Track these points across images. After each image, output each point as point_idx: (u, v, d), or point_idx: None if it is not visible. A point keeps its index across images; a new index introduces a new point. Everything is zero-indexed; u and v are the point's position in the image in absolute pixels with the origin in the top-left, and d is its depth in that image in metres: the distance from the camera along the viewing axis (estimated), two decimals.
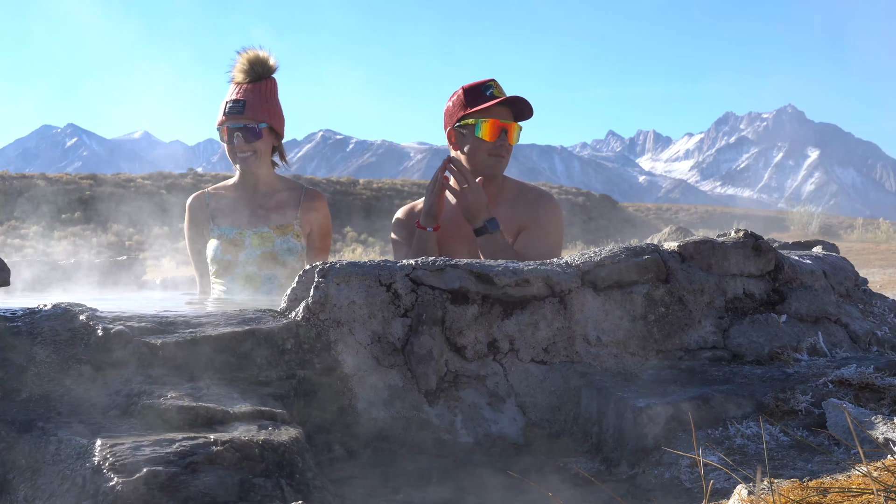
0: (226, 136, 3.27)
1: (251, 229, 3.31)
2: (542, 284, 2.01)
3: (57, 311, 1.78)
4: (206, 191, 3.46)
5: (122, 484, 1.32)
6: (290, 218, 3.36)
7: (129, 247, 25.20)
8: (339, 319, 1.86)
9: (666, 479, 1.64)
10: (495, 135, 2.99)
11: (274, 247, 3.29)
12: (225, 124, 3.26)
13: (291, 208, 3.37)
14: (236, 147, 3.27)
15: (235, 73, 3.31)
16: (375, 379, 1.85)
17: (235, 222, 3.32)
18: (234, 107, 3.26)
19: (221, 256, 3.27)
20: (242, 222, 3.32)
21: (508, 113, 3.05)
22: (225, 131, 3.26)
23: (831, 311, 2.41)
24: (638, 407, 1.76)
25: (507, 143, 3.02)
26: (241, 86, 3.28)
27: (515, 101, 3.03)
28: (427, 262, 1.96)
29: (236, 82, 3.30)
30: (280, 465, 1.45)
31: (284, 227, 3.34)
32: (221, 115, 3.27)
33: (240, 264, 3.26)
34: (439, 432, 1.84)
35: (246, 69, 3.29)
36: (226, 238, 3.30)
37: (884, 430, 1.63)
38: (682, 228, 5.81)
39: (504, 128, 3.00)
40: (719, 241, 2.31)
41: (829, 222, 24.62)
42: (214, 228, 3.33)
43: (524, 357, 1.96)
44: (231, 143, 3.26)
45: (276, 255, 3.29)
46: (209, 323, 1.84)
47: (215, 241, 3.31)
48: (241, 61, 3.30)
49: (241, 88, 3.27)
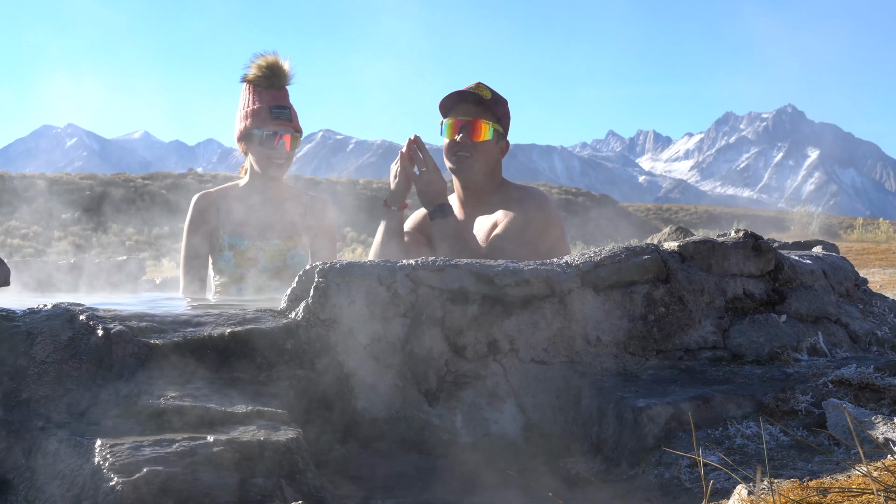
0: (275, 141, 3.17)
1: (263, 241, 3.25)
2: (542, 284, 2.01)
3: (57, 311, 1.78)
4: (213, 192, 3.34)
5: (122, 484, 1.32)
6: (299, 228, 3.32)
7: (128, 247, 25.20)
8: (339, 319, 1.86)
9: (666, 479, 1.64)
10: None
11: (286, 261, 3.27)
12: (275, 129, 3.16)
13: (299, 218, 3.33)
14: (279, 153, 3.18)
15: (262, 77, 3.21)
16: (375, 379, 1.85)
17: (247, 232, 3.24)
18: (283, 112, 3.19)
19: (235, 269, 3.21)
20: (254, 233, 3.25)
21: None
22: (276, 137, 3.16)
23: (831, 311, 2.41)
24: (638, 407, 1.76)
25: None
26: (273, 92, 3.21)
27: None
28: (427, 262, 1.96)
29: (267, 87, 3.20)
30: (280, 465, 1.45)
31: (294, 238, 3.30)
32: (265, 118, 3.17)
33: (251, 277, 3.22)
34: (439, 432, 1.84)
35: (279, 74, 3.21)
36: (238, 250, 3.22)
37: (884, 430, 1.63)
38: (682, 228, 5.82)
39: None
40: (719, 241, 2.31)
41: (829, 222, 24.62)
42: (225, 237, 3.23)
43: (524, 357, 1.96)
44: (276, 149, 3.17)
45: (286, 269, 3.27)
46: (209, 323, 1.84)
47: (227, 251, 3.22)
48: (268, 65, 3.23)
49: (279, 95, 3.22)
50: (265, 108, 3.18)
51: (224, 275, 3.22)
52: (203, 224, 3.27)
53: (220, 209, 3.27)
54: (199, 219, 3.27)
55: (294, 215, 3.33)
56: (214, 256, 3.26)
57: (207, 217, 3.27)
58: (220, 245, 3.24)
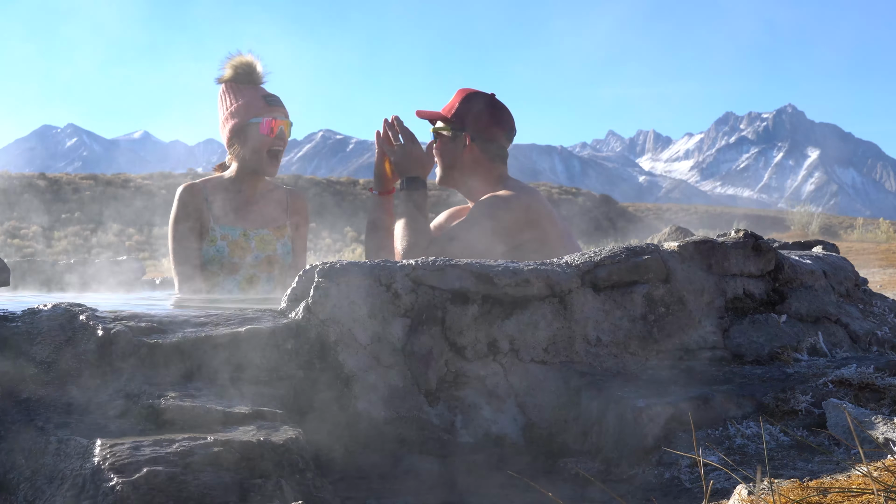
0: (274, 128, 3.17)
1: (253, 230, 3.26)
2: (542, 284, 2.01)
3: (57, 311, 1.78)
4: (198, 183, 3.32)
5: (122, 484, 1.32)
6: (283, 219, 3.35)
7: (128, 247, 25.20)
8: (339, 319, 1.86)
9: (666, 479, 1.64)
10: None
11: (276, 250, 3.28)
12: (272, 116, 3.17)
13: (282, 209, 3.37)
14: (279, 140, 3.20)
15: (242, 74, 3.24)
16: (375, 379, 1.84)
17: (237, 222, 3.25)
18: (276, 99, 3.22)
19: (229, 259, 3.20)
20: (245, 223, 3.27)
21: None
22: (274, 123, 3.17)
23: (831, 311, 2.41)
24: (638, 407, 1.76)
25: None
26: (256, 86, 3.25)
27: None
28: (427, 262, 1.96)
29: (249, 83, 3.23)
30: (280, 465, 1.45)
31: (281, 228, 3.33)
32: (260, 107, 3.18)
33: (245, 266, 3.22)
34: (439, 432, 1.84)
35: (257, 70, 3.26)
36: (230, 239, 3.22)
37: (884, 430, 1.63)
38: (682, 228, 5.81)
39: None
40: (719, 241, 2.30)
41: (829, 222, 24.60)
42: (217, 227, 3.22)
43: (524, 357, 1.96)
44: (277, 136, 3.19)
45: (277, 258, 3.28)
46: (209, 323, 1.84)
47: (220, 241, 3.21)
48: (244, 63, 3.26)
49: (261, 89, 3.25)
50: (258, 98, 3.22)
51: (215, 263, 3.21)
52: (192, 216, 3.23)
53: (209, 200, 3.26)
54: (186, 209, 3.24)
55: (278, 206, 3.38)
56: (205, 247, 3.23)
57: (196, 207, 3.24)
58: (211, 236, 3.22)
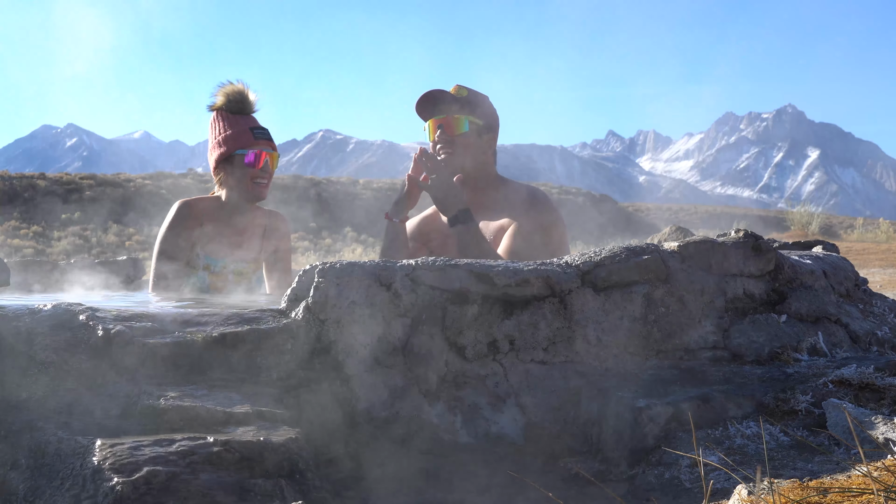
0: (260, 161, 3.25)
1: (234, 263, 3.34)
2: (542, 284, 2.01)
3: (57, 311, 1.78)
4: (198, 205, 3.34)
5: (122, 484, 1.32)
6: (258, 249, 3.42)
7: (128, 247, 25.19)
8: (339, 319, 1.86)
9: (666, 479, 1.64)
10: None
11: (251, 283, 3.40)
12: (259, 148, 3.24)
13: (259, 237, 3.43)
14: (265, 172, 3.27)
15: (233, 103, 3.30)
16: (375, 379, 1.84)
17: (220, 253, 3.32)
18: (264, 133, 3.29)
19: (208, 290, 3.28)
20: (228, 254, 3.33)
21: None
22: (262, 156, 3.24)
23: (831, 311, 2.41)
24: (638, 407, 1.76)
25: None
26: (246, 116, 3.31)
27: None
28: (427, 261, 1.96)
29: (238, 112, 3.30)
30: (280, 465, 1.45)
31: (258, 260, 3.44)
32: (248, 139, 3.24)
33: (220, 299, 3.30)
34: (439, 432, 1.84)
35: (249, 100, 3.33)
36: (213, 271, 3.30)
37: (884, 430, 1.63)
38: (682, 228, 5.81)
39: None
40: (719, 241, 2.30)
41: (829, 222, 24.61)
42: (202, 255, 3.28)
43: (524, 357, 1.96)
44: (262, 168, 3.26)
45: (251, 288, 3.40)
46: (209, 323, 1.84)
47: (202, 271, 3.28)
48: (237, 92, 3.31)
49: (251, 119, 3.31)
50: (246, 129, 3.29)
51: (195, 291, 3.27)
52: (184, 235, 3.27)
53: (203, 225, 3.31)
54: (184, 222, 3.28)
55: (257, 233, 3.43)
56: (187, 272, 3.29)
57: (189, 227, 3.28)
58: (195, 263, 3.29)
